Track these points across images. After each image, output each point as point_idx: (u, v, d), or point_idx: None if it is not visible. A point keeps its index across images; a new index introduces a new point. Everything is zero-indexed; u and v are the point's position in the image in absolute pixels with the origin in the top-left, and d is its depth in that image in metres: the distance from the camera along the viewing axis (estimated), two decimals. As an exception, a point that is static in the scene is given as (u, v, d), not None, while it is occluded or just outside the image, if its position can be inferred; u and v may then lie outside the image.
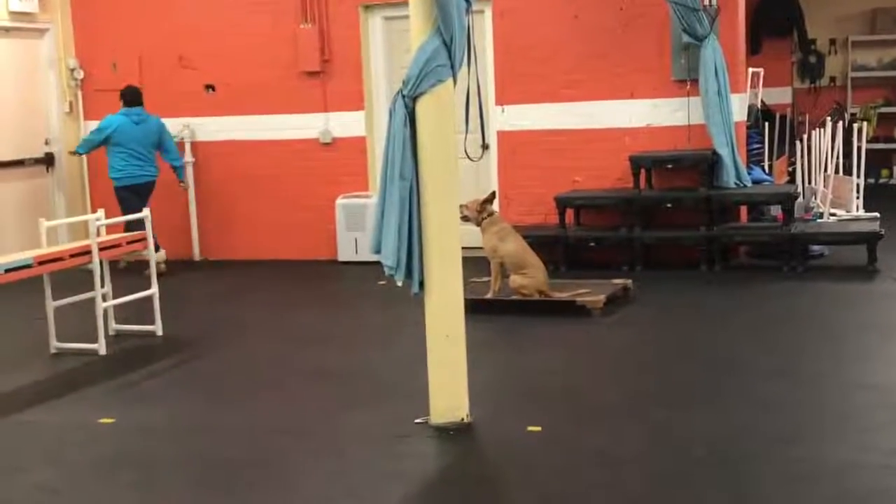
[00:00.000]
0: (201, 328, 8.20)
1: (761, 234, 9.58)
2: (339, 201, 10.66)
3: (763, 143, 11.40)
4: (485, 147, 6.09)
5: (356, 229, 10.49)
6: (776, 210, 9.83)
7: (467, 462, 5.16)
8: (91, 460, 5.42)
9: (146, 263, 8.31)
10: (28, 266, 7.06)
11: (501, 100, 10.30)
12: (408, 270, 5.37)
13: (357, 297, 9.37)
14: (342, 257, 10.66)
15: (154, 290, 7.90)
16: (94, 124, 11.42)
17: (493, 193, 8.45)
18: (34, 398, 6.52)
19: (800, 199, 10.12)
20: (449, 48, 5.21)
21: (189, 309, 8.92)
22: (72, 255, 7.49)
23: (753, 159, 10.76)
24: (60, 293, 7.60)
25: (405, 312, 7.09)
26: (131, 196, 10.24)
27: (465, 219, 7.64)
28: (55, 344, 7.49)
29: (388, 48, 10.78)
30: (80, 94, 11.60)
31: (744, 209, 9.98)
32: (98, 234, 7.56)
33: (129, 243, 7.90)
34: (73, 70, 11.53)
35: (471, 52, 5.51)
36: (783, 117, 12.96)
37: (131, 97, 10.55)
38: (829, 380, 6.16)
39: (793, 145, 12.20)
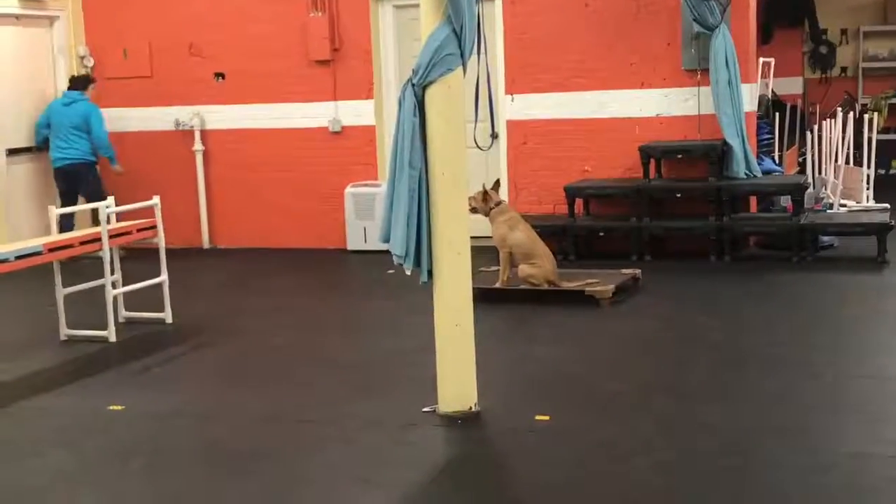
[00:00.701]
0: (210, 316, 8.22)
1: (771, 225, 9.57)
2: (349, 190, 10.66)
3: (773, 133, 11.36)
4: (494, 136, 6.08)
5: (365, 218, 10.50)
6: (786, 200, 9.81)
7: (475, 451, 5.17)
8: (101, 446, 5.44)
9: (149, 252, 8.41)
10: (38, 253, 7.09)
11: (511, 89, 10.29)
12: (416, 259, 5.37)
13: (366, 285, 9.39)
14: (351, 246, 10.67)
15: (164, 277, 7.92)
16: (105, 112, 11.45)
17: (498, 182, 8.43)
18: (45, 385, 6.55)
19: (810, 190, 10.09)
20: (459, 37, 5.20)
21: (198, 296, 8.95)
22: (82, 243, 7.52)
23: (764, 149, 10.73)
24: (70, 280, 7.63)
25: (414, 301, 7.10)
26: (59, 182, 10.75)
27: (473, 210, 7.63)
28: (65, 331, 7.52)
29: (398, 37, 10.77)
30: (90, 81, 11.60)
31: (753, 199, 9.96)
32: (108, 222, 7.58)
33: (139, 231, 7.92)
34: (83, 58, 11.53)
35: (481, 41, 5.50)
36: (794, 107, 12.91)
37: (72, 82, 10.90)
38: (839, 371, 6.15)
39: (803, 136, 12.16)
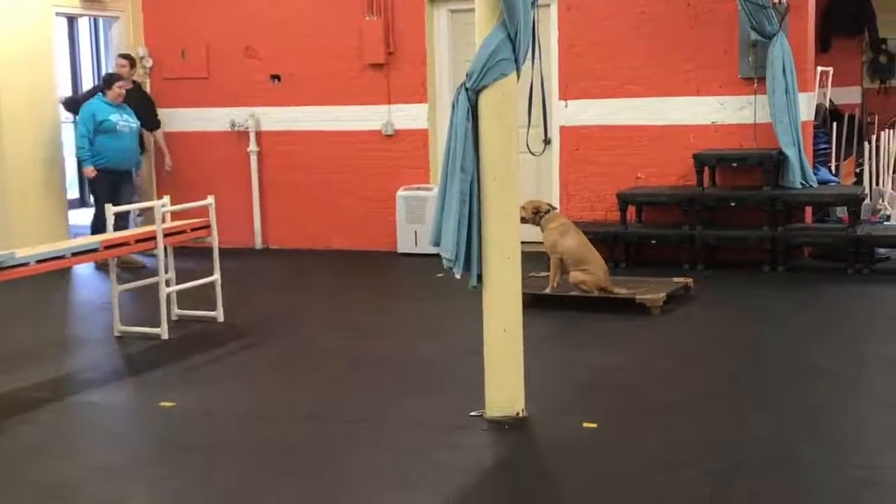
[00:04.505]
0: (261, 315, 8.28)
1: (826, 236, 9.44)
2: (400, 193, 10.70)
3: (830, 143, 11.22)
4: (547, 142, 6.06)
5: (416, 221, 10.52)
6: (842, 211, 9.69)
7: (522, 456, 5.16)
8: (151, 442, 5.51)
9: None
10: (95, 250, 7.20)
11: (565, 94, 10.26)
12: (466, 263, 5.38)
13: (415, 288, 9.40)
14: (401, 249, 10.71)
15: (216, 276, 8.00)
16: (161, 112, 11.59)
17: (552, 206, 8.36)
18: (97, 380, 6.64)
19: (866, 201, 9.96)
20: (513, 42, 5.21)
21: (250, 296, 9.02)
22: (137, 241, 7.63)
23: (820, 159, 10.60)
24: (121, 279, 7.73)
25: (463, 305, 7.08)
26: None
27: (523, 220, 7.60)
28: (119, 327, 7.62)
29: (452, 41, 10.78)
30: (148, 81, 11.75)
31: (809, 210, 9.84)
32: (163, 221, 7.67)
33: (193, 230, 8.00)
34: (142, 58, 11.66)
35: (535, 47, 5.50)
36: (851, 117, 12.74)
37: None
38: (891, 384, 6.06)
39: (861, 146, 12.00)
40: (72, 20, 12.25)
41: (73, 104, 10.95)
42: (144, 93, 11.26)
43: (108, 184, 10.04)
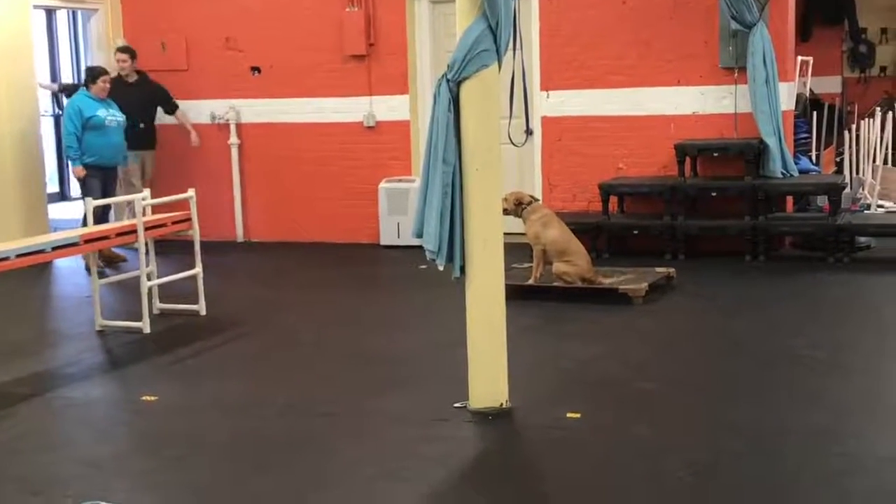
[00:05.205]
0: (243, 309, 8.26)
1: (807, 225, 9.48)
2: (382, 185, 10.68)
3: (811, 132, 11.26)
4: (529, 132, 6.06)
5: (399, 213, 10.51)
6: (823, 200, 9.73)
7: (506, 447, 5.17)
8: (133, 436, 5.49)
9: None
10: (75, 244, 7.16)
11: (546, 85, 10.26)
12: (449, 255, 5.38)
13: (398, 280, 9.40)
14: (384, 241, 10.69)
15: (198, 269, 7.97)
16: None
17: (534, 197, 8.38)
18: (79, 374, 6.61)
19: (847, 190, 10.00)
20: (494, 32, 5.20)
21: (232, 289, 9.00)
22: (118, 234, 7.59)
23: (801, 149, 10.64)
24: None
25: (446, 297, 7.09)
26: None
27: (504, 212, 7.60)
28: (101, 321, 7.58)
29: (433, 32, 10.76)
30: (128, 74, 11.67)
31: (790, 199, 9.88)
32: (143, 214, 7.63)
33: (174, 223, 7.96)
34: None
35: (516, 37, 5.49)
36: (832, 107, 12.79)
37: None
38: (874, 373, 6.09)
39: (841, 135, 12.06)
40: (50, 12, 12.18)
41: (73, 91, 10.84)
42: (153, 82, 11.08)
43: (97, 180, 9.90)
